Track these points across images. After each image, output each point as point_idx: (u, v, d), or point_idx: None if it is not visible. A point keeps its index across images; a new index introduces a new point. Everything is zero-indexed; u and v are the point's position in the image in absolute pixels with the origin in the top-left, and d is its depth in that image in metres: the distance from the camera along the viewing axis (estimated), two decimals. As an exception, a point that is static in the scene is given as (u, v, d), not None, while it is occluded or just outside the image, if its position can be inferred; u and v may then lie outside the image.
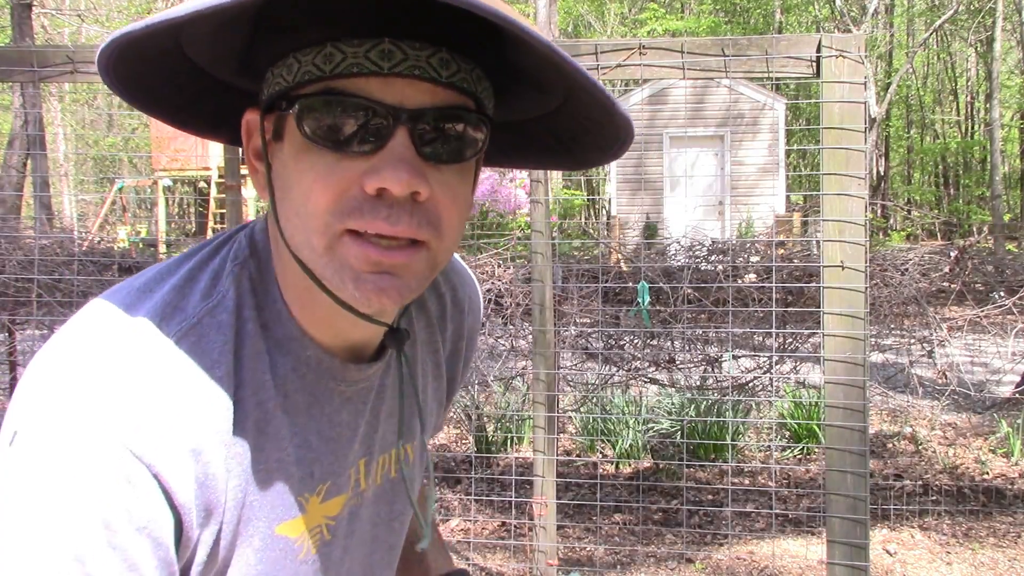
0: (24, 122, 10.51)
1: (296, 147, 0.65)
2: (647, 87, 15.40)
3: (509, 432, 5.36)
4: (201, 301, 0.68)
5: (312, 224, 0.64)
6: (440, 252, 0.68)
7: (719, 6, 24.77)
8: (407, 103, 0.63)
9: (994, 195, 17.55)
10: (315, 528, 0.75)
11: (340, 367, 0.74)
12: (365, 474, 0.81)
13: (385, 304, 0.66)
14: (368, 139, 0.63)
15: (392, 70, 0.62)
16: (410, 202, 0.64)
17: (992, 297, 6.13)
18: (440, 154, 0.65)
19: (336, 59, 0.63)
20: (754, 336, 5.31)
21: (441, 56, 0.63)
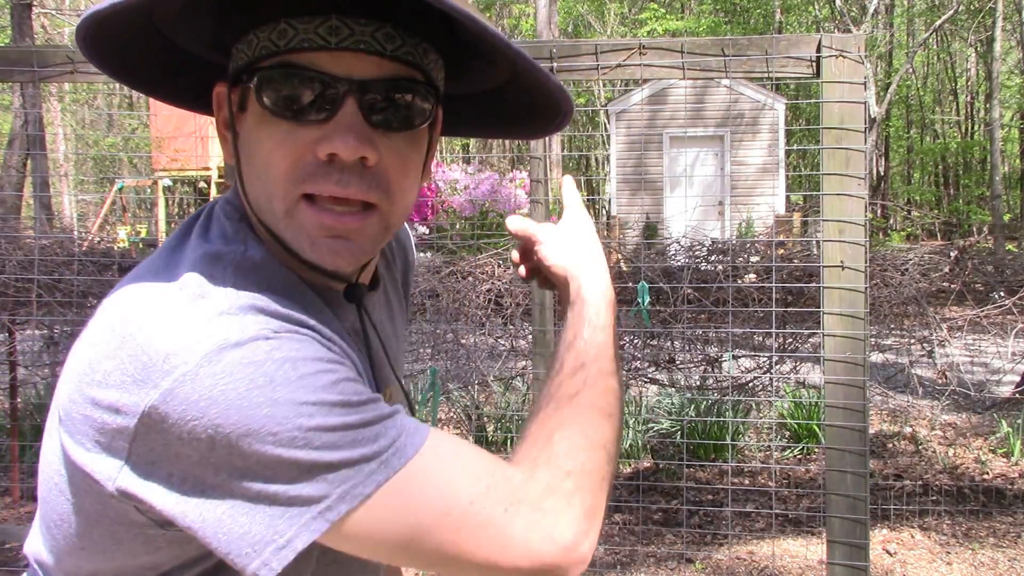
0: (24, 122, 10.51)
1: (257, 117, 0.71)
2: (647, 87, 15.40)
3: (509, 432, 5.36)
4: (229, 246, 0.72)
5: (273, 189, 0.70)
6: (392, 215, 0.74)
7: (719, 6, 24.76)
8: (354, 74, 0.68)
9: (994, 195, 17.55)
10: None
11: (335, 298, 0.79)
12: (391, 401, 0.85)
13: (340, 265, 0.72)
14: (320, 108, 0.68)
15: (339, 44, 0.68)
16: (360, 167, 0.69)
17: (992, 297, 6.13)
18: (389, 122, 0.70)
19: (289, 35, 0.68)
20: (754, 336, 5.31)
21: (386, 31, 0.69)
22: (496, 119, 0.89)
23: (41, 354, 4.83)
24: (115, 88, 20.06)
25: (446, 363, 5.83)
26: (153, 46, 0.75)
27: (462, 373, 5.84)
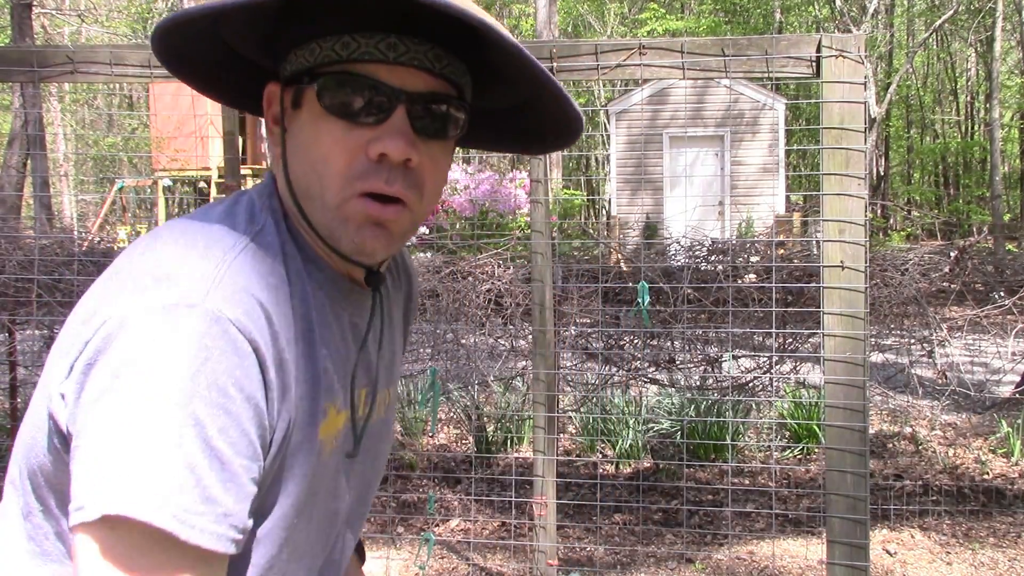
0: (24, 122, 10.51)
1: (315, 115, 0.80)
2: (647, 87, 15.39)
3: (509, 432, 5.36)
4: (248, 227, 0.79)
5: (328, 183, 0.79)
6: (419, 212, 0.83)
7: (719, 6, 24.76)
8: (407, 87, 0.78)
9: (994, 195, 17.54)
10: (329, 436, 0.83)
11: (348, 288, 0.87)
12: (365, 403, 0.91)
13: (377, 248, 0.80)
14: (374, 113, 0.78)
15: (396, 59, 0.78)
16: (403, 167, 0.79)
17: (992, 297, 6.13)
18: (429, 130, 0.81)
19: (352, 47, 0.78)
20: (754, 336, 5.31)
21: (436, 51, 0.79)
22: (502, 133, 0.98)
23: (41, 354, 4.83)
24: (115, 88, 20.04)
25: (446, 363, 5.83)
26: (210, 49, 0.84)
27: (462, 373, 5.84)
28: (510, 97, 0.91)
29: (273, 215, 0.83)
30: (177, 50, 0.83)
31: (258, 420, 0.70)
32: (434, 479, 4.83)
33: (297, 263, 0.81)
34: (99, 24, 20.09)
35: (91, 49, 2.55)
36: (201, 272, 0.72)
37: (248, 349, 0.70)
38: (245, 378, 0.69)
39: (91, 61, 2.52)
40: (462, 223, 13.31)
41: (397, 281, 1.06)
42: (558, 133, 0.92)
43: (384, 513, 4.31)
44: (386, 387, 0.97)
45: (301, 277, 0.81)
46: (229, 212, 0.81)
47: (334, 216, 0.79)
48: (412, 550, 3.88)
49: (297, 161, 0.81)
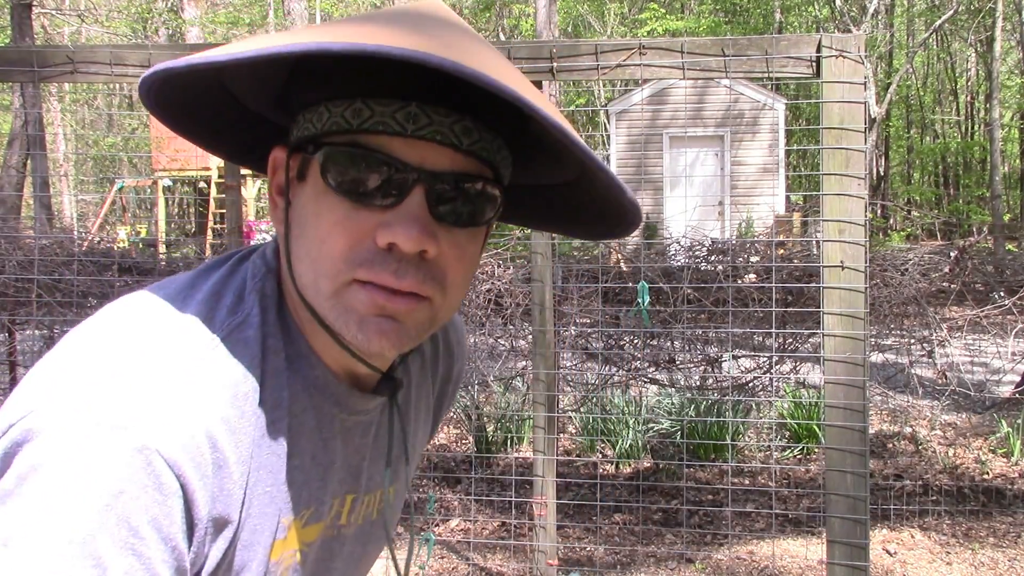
0: (24, 122, 10.51)
1: (318, 190, 0.69)
2: (647, 87, 15.39)
3: (509, 432, 5.36)
4: (228, 316, 0.70)
5: (323, 267, 0.68)
6: (443, 309, 0.71)
7: (719, 6, 24.76)
8: (426, 165, 0.66)
9: (994, 195, 17.55)
10: (291, 552, 0.76)
11: (345, 393, 0.76)
12: (349, 511, 0.82)
13: (384, 347, 0.69)
14: (386, 194, 0.66)
15: (415, 133, 0.66)
16: (417, 258, 0.67)
17: (992, 297, 6.13)
18: (452, 217, 0.68)
19: (364, 115, 0.66)
20: (754, 336, 5.31)
21: (464, 124, 0.67)
22: (553, 213, 0.86)
23: (41, 354, 4.83)
24: (115, 88, 20.05)
25: (446, 363, 5.81)
26: (215, 99, 0.75)
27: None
28: (556, 174, 0.79)
29: (262, 301, 0.73)
30: (173, 99, 0.72)
31: (175, 564, 0.62)
32: (434, 479, 4.83)
33: (279, 361, 0.72)
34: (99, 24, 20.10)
35: (91, 49, 2.55)
36: (145, 386, 0.62)
37: (174, 487, 0.61)
38: (164, 518, 0.61)
39: (91, 61, 2.52)
40: (462, 223, 13.30)
41: (430, 365, 0.94)
42: (609, 221, 0.79)
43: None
44: (383, 487, 0.87)
45: (280, 378, 0.72)
46: (216, 293, 0.72)
47: (332, 307, 0.68)
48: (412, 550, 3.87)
49: (297, 243, 0.71)
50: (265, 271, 0.75)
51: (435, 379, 0.96)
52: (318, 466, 0.76)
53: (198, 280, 0.74)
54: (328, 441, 0.77)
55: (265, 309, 0.73)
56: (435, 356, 0.95)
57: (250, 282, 0.74)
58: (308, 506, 0.76)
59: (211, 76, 0.70)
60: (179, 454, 0.61)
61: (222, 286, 0.73)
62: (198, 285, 0.73)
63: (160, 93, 0.69)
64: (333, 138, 0.68)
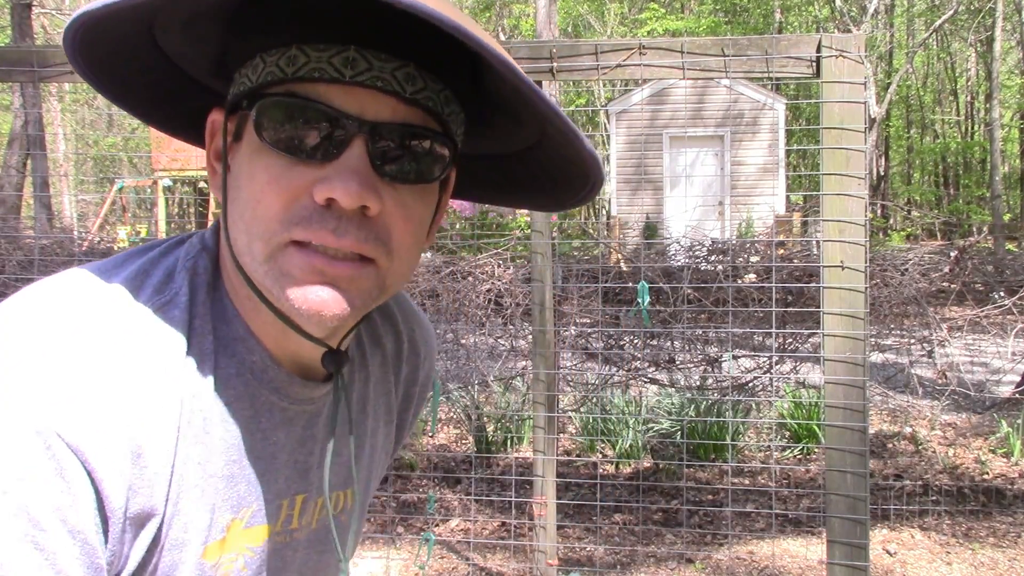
0: (24, 122, 10.52)
1: (252, 148, 0.64)
2: (647, 87, 15.40)
3: (509, 432, 5.36)
4: (154, 295, 0.65)
5: (257, 229, 0.63)
6: (390, 274, 0.65)
7: (719, 6, 24.77)
8: (366, 114, 0.61)
9: (994, 195, 17.55)
10: (232, 556, 0.70)
11: (285, 379, 0.70)
12: (300, 512, 0.76)
13: (325, 316, 0.63)
14: (324, 147, 0.61)
15: (354, 79, 0.60)
16: (359, 216, 0.62)
17: (992, 297, 6.13)
18: (396, 172, 0.63)
19: (299, 62, 0.61)
20: (754, 336, 5.31)
21: (407, 71, 0.62)
22: (512, 185, 0.80)
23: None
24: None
25: (446, 363, 5.83)
26: (150, 64, 0.68)
27: (462, 373, 5.84)
28: (516, 138, 0.73)
29: (192, 280, 0.68)
30: (106, 60, 0.66)
31: (87, 560, 0.56)
32: (434, 479, 4.83)
33: (206, 344, 0.66)
34: (99, 24, 20.09)
35: (91, 49, 2.55)
36: (52, 367, 0.57)
37: (79, 475, 0.56)
38: (70, 508, 0.55)
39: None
40: (462, 223, 13.31)
41: (392, 363, 0.88)
42: (574, 182, 0.73)
43: (384, 513, 4.32)
44: (340, 488, 0.80)
45: (206, 362, 0.66)
46: (144, 271, 0.67)
47: (267, 272, 0.63)
48: (412, 550, 3.88)
49: (233, 207, 0.65)
50: (200, 250, 0.70)
51: (398, 379, 0.90)
52: (257, 460, 0.70)
53: (130, 258, 0.69)
54: (268, 433, 0.70)
55: (195, 289, 0.67)
56: (398, 354, 0.89)
57: (182, 261, 0.69)
58: (248, 504, 0.70)
59: (141, 28, 0.64)
60: (84, 439, 0.56)
61: (152, 265, 0.68)
62: (128, 263, 0.68)
63: (86, 47, 0.63)
64: (267, 90, 0.63)
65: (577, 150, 0.67)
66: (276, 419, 0.71)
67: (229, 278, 0.69)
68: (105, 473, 0.57)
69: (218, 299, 0.69)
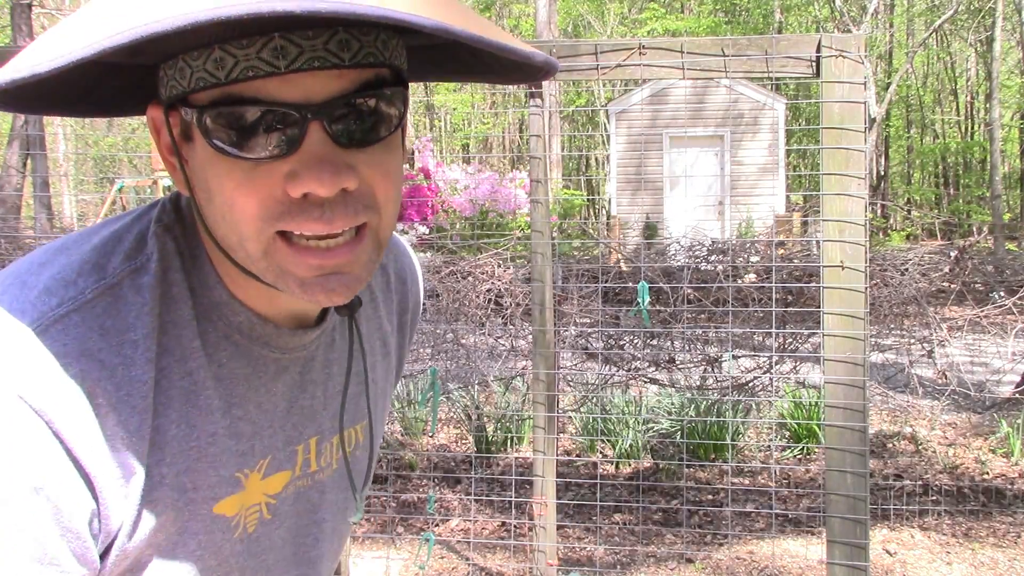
0: (24, 122, 10.52)
1: (208, 153, 0.61)
2: (647, 87, 15.40)
3: (509, 432, 5.36)
4: (124, 262, 0.65)
5: (243, 231, 0.62)
6: (382, 229, 0.66)
7: (719, 6, 24.78)
8: (314, 97, 0.59)
9: (994, 195, 17.55)
10: (253, 506, 0.72)
11: (274, 333, 0.71)
12: (317, 454, 0.78)
13: (337, 301, 0.64)
14: (280, 142, 0.59)
15: (290, 67, 0.57)
16: (342, 195, 0.61)
17: (992, 297, 6.13)
18: (359, 137, 0.61)
19: (228, 64, 0.58)
20: (754, 336, 5.31)
21: (339, 38, 0.59)
22: (464, 66, 0.76)
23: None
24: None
25: (446, 363, 5.83)
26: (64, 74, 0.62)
27: (462, 373, 5.84)
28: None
29: (164, 247, 0.67)
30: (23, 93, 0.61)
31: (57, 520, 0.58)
32: (434, 479, 4.83)
33: (185, 310, 0.67)
34: (99, 24, 20.10)
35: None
36: (12, 328, 0.58)
37: (44, 434, 0.57)
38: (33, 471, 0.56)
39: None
40: (462, 223, 13.31)
41: (382, 298, 0.89)
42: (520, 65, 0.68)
43: (384, 513, 4.32)
44: (350, 425, 0.82)
45: (186, 328, 0.66)
46: (117, 239, 0.67)
47: (267, 268, 0.63)
48: (412, 550, 3.88)
49: (208, 207, 0.64)
50: (175, 217, 0.69)
51: (390, 311, 0.91)
52: (263, 413, 0.72)
53: (105, 226, 0.69)
54: (268, 385, 0.72)
55: (168, 256, 0.67)
56: (387, 288, 0.90)
57: (154, 226, 0.68)
58: (263, 455, 0.72)
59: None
60: (48, 402, 0.57)
61: (125, 231, 0.68)
62: (102, 230, 0.68)
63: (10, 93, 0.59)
64: (203, 96, 0.60)
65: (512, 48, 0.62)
66: (272, 371, 0.72)
67: (213, 251, 0.69)
68: (73, 433, 0.58)
69: (198, 266, 0.69)
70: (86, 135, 25.95)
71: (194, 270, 0.69)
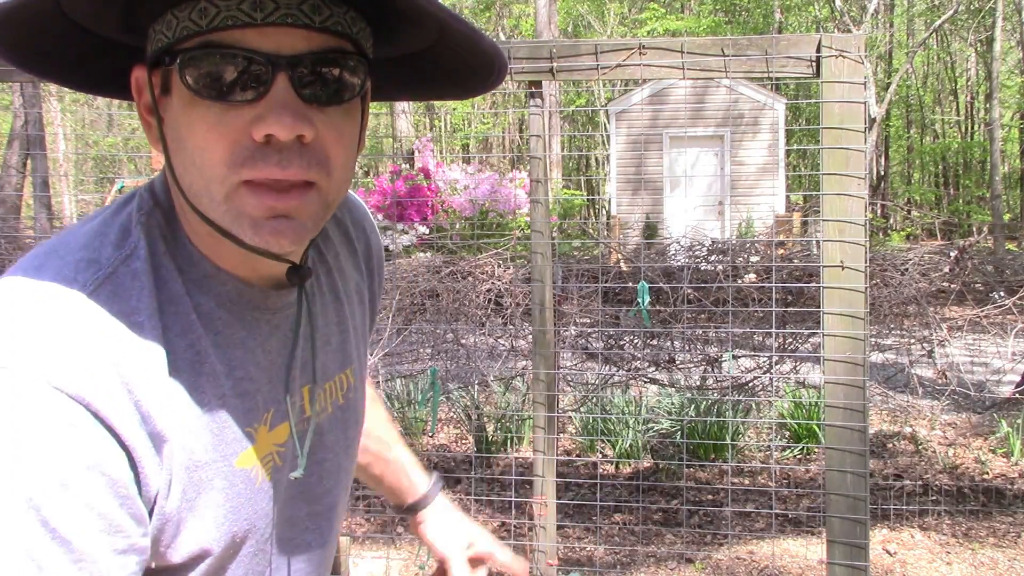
0: (24, 122, 10.52)
1: (184, 100, 0.68)
2: (647, 87, 15.40)
3: (509, 432, 5.36)
4: (114, 251, 0.71)
5: (210, 174, 0.68)
6: (331, 191, 0.72)
7: (719, 6, 24.78)
8: (283, 50, 0.67)
9: (994, 195, 17.55)
10: (267, 456, 0.78)
11: (261, 296, 0.78)
12: (310, 401, 0.85)
13: (284, 245, 0.70)
14: (250, 88, 0.66)
15: (266, 20, 0.66)
16: (298, 145, 0.67)
17: (992, 297, 6.13)
18: (321, 96, 0.69)
19: (211, 13, 0.66)
20: (754, 336, 5.31)
21: (312, 2, 0.67)
22: (426, 80, 0.85)
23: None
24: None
25: (446, 363, 5.83)
26: (60, 31, 0.72)
27: (462, 373, 5.84)
28: (420, 38, 0.78)
29: (148, 232, 0.73)
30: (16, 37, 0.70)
31: (114, 490, 0.63)
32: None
33: (177, 286, 0.72)
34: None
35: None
36: (32, 326, 0.63)
37: (84, 416, 0.62)
38: (84, 451, 0.62)
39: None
40: (462, 223, 13.31)
41: (346, 247, 0.96)
42: (479, 73, 0.79)
43: (384, 513, 4.32)
44: (339, 371, 0.90)
45: (181, 304, 0.72)
46: (101, 232, 0.72)
47: (226, 212, 0.69)
48: (412, 550, 3.88)
49: (178, 156, 0.71)
50: (152, 204, 0.75)
51: (357, 260, 0.98)
52: (263, 371, 0.78)
53: (86, 222, 0.75)
54: (264, 344, 0.78)
55: (153, 240, 0.73)
56: (347, 239, 0.96)
57: (136, 215, 0.74)
58: (267, 409, 0.78)
59: (48, 5, 0.67)
60: (83, 388, 0.62)
61: (106, 225, 0.73)
62: (84, 227, 0.73)
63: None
64: (186, 44, 0.67)
65: (475, 42, 0.73)
66: (265, 331, 0.79)
67: (188, 222, 0.74)
68: (109, 410, 0.63)
69: (181, 246, 0.75)
70: (86, 135, 25.95)
71: (178, 250, 0.74)
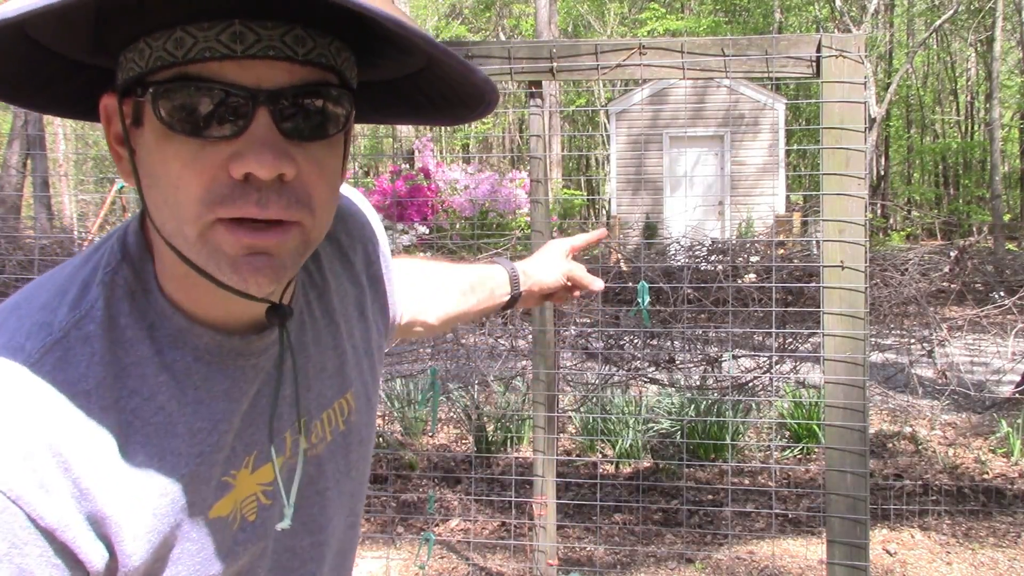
0: (24, 122, 10.53)
1: (157, 134, 0.64)
2: (647, 87, 15.40)
3: (509, 432, 5.36)
4: (69, 313, 0.67)
5: (183, 213, 0.64)
6: (314, 230, 0.68)
7: (719, 6, 24.79)
8: (264, 84, 0.62)
9: (994, 195, 17.54)
10: (249, 498, 0.75)
11: (242, 343, 0.73)
12: (306, 433, 0.81)
13: (262, 283, 0.66)
14: (229, 123, 0.62)
15: (246, 52, 0.61)
16: (278, 183, 0.64)
17: (992, 297, 6.13)
18: (303, 131, 0.65)
19: (187, 44, 0.61)
20: (754, 336, 5.31)
21: (296, 33, 0.63)
22: (412, 105, 0.81)
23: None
24: (115, 88, 20.05)
25: (446, 363, 5.83)
26: (25, 54, 0.67)
27: (462, 373, 5.84)
28: (406, 64, 0.74)
29: (111, 290, 0.69)
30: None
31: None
32: (434, 479, 4.83)
33: (143, 347, 0.69)
34: (99, 24, 20.10)
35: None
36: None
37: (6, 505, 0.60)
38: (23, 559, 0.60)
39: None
40: (462, 223, 13.31)
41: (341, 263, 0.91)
42: (468, 102, 0.75)
43: (384, 513, 4.32)
44: (338, 396, 0.86)
45: (147, 366, 0.69)
46: (61, 289, 0.69)
47: (200, 250, 0.64)
48: (412, 550, 3.88)
49: (151, 192, 0.66)
50: (120, 260, 0.71)
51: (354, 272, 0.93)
52: (247, 416, 0.74)
53: (62, 269, 0.72)
54: (247, 389, 0.74)
55: (115, 300, 0.69)
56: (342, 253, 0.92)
57: (100, 272, 0.70)
58: (249, 452, 0.75)
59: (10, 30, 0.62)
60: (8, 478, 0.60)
61: (69, 281, 0.70)
62: (55, 277, 0.71)
63: None
64: (160, 75, 0.63)
65: (463, 73, 0.68)
66: (250, 376, 0.74)
67: (163, 266, 0.70)
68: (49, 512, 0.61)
69: (152, 301, 0.71)
70: (86, 135, 25.95)
71: (148, 305, 0.70)
